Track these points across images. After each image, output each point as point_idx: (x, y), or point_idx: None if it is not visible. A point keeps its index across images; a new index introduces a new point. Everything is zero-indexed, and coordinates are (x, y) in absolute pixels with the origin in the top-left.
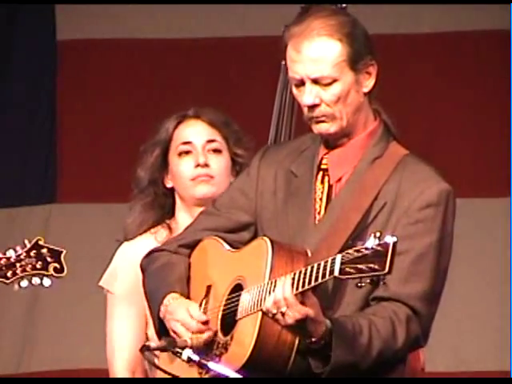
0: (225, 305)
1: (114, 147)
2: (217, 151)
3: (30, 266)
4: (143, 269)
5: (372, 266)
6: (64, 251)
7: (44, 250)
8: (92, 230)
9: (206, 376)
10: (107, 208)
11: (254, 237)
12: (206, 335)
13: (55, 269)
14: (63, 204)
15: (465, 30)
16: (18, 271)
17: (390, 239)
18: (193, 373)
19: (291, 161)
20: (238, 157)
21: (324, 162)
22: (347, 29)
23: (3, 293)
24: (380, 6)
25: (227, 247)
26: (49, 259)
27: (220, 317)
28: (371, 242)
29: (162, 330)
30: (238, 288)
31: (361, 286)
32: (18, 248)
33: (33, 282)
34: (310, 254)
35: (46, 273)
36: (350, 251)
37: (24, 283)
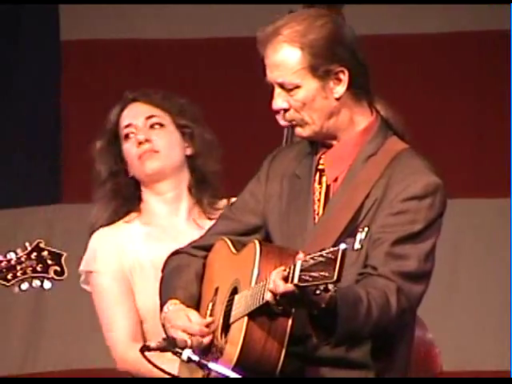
0: (225, 307)
1: None
2: (158, 125)
3: (30, 268)
4: (162, 271)
5: (323, 273)
6: (64, 254)
7: (45, 253)
8: None
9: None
10: None
11: (265, 239)
12: (207, 339)
13: (56, 272)
14: (68, 204)
15: (465, 31)
16: (19, 274)
17: (341, 246)
18: (198, 374)
19: (297, 163)
20: (184, 128)
21: (321, 162)
22: (313, 35)
23: (7, 293)
24: (380, 7)
25: (232, 248)
26: (49, 262)
27: (221, 320)
28: (357, 242)
29: None
30: (235, 291)
31: (317, 294)
32: (18, 250)
33: (33, 284)
34: None
35: (46, 275)
36: (306, 258)
37: (24, 286)
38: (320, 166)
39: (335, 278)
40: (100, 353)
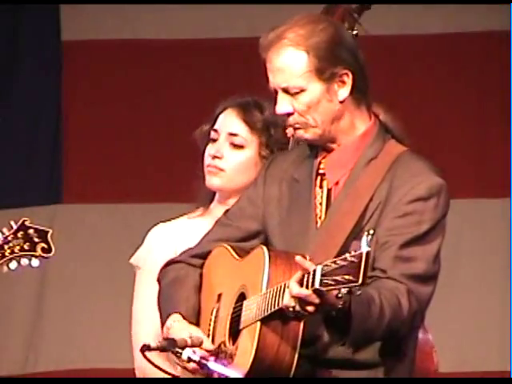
0: (232, 313)
1: (119, 148)
2: (237, 146)
3: (17, 247)
4: (159, 281)
5: (347, 277)
6: (50, 231)
7: (31, 231)
8: (97, 231)
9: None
10: (112, 208)
11: (264, 244)
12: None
13: (43, 249)
14: (69, 205)
15: (465, 32)
16: (7, 253)
17: (364, 249)
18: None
19: (295, 168)
20: (264, 158)
21: (322, 166)
22: (317, 38)
23: (9, 292)
24: (382, 8)
25: (234, 255)
26: (36, 239)
27: (228, 326)
28: (364, 244)
29: None
30: (242, 297)
31: (340, 297)
32: (4, 230)
33: (21, 263)
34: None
35: (34, 253)
36: (327, 262)
37: (13, 265)
38: (321, 170)
39: (360, 280)
40: (103, 352)
